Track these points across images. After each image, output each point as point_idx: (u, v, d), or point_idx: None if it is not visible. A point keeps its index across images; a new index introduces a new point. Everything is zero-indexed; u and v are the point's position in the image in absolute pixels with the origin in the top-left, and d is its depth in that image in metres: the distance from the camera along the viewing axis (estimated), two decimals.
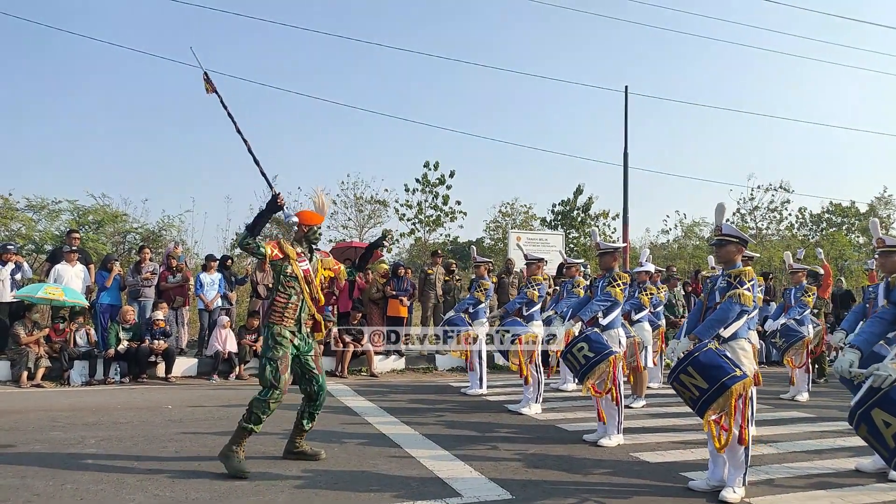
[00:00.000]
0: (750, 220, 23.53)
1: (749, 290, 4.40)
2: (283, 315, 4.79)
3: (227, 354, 9.83)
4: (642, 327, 8.04)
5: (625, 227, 16.44)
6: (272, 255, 4.73)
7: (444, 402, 8.04)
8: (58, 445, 5.34)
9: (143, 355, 9.34)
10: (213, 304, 10.48)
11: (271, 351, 4.72)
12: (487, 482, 4.53)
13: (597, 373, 5.63)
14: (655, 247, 22.52)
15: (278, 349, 4.72)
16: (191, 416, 6.83)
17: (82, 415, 6.73)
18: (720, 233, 4.64)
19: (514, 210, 21.08)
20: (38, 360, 8.86)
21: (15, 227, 14.19)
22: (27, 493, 4.08)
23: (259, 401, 4.66)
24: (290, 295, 4.82)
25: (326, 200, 5.40)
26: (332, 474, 4.63)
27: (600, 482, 4.66)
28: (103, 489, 4.19)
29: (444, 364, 11.35)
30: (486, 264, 9.11)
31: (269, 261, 4.77)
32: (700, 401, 4.18)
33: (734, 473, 4.30)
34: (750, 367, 4.36)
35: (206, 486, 4.29)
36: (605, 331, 5.92)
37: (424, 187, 19.19)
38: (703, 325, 4.44)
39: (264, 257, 4.73)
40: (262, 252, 4.69)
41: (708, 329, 4.37)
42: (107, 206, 14.94)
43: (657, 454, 5.48)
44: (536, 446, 5.70)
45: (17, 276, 9.72)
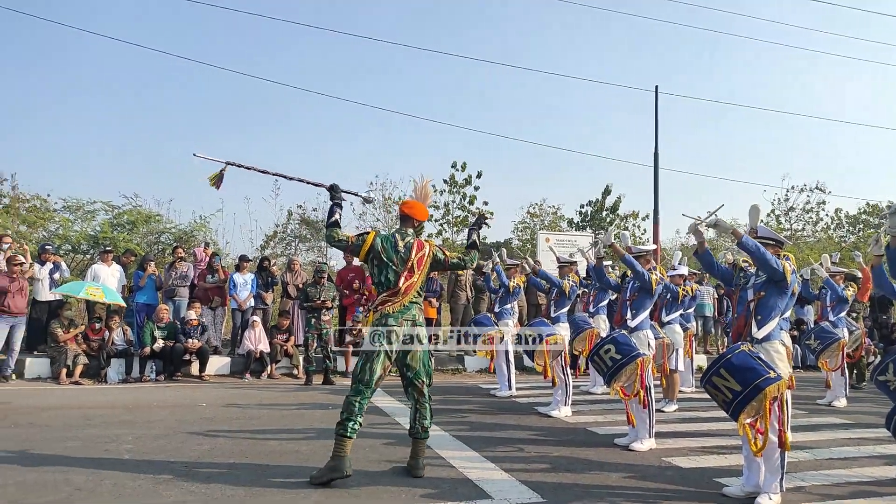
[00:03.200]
0: (785, 222, 23.07)
1: (790, 268, 4.32)
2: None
3: (259, 354, 9.97)
4: (673, 329, 7.95)
5: (655, 228, 16.24)
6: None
7: (473, 404, 8.04)
8: (96, 441, 5.47)
9: (178, 354, 9.52)
10: (245, 304, 10.63)
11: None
12: (518, 484, 4.52)
13: (624, 375, 5.58)
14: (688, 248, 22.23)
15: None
16: (225, 414, 6.94)
17: (119, 412, 6.88)
18: (756, 235, 4.57)
19: (543, 211, 20.97)
20: (77, 357, 9.09)
21: (52, 227, 14.56)
22: (69, 487, 4.19)
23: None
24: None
25: (430, 190, 5.27)
26: (362, 474, 4.66)
27: (632, 486, 4.62)
28: (140, 485, 4.28)
29: (472, 365, 11.36)
30: (515, 268, 9.09)
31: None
32: (733, 404, 4.12)
33: (770, 479, 4.23)
34: (785, 370, 4.29)
35: (239, 484, 4.36)
36: (632, 332, 5.87)
37: (452, 188, 19.20)
38: (752, 240, 4.32)
39: (359, 248, 4.72)
40: (360, 243, 4.70)
41: (752, 244, 4.26)
42: (139, 207, 15.24)
43: (690, 459, 5.41)
44: (566, 449, 5.67)
45: (55, 275, 10.01)
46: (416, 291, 4.74)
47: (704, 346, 13.36)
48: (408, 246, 4.74)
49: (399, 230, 4.87)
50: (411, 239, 4.81)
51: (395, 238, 4.77)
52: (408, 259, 4.69)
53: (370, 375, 4.55)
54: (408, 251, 4.72)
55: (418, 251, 4.74)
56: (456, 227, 19.21)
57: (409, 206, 4.97)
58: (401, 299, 4.66)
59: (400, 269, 4.66)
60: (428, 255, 4.79)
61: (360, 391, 4.54)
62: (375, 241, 4.70)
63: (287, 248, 17.51)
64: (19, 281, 9.03)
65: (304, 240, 17.81)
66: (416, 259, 4.72)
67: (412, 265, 4.69)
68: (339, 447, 4.45)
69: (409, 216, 4.91)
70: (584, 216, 21.58)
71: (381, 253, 4.68)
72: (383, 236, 4.79)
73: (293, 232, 17.75)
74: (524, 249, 19.06)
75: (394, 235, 4.81)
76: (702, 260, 4.92)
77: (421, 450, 4.76)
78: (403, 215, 4.93)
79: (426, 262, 4.77)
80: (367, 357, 4.62)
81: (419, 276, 4.74)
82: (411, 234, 4.86)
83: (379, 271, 4.72)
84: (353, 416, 4.48)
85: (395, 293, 4.65)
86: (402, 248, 4.72)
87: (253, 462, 4.93)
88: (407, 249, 4.72)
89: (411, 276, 4.69)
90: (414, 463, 4.71)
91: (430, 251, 4.81)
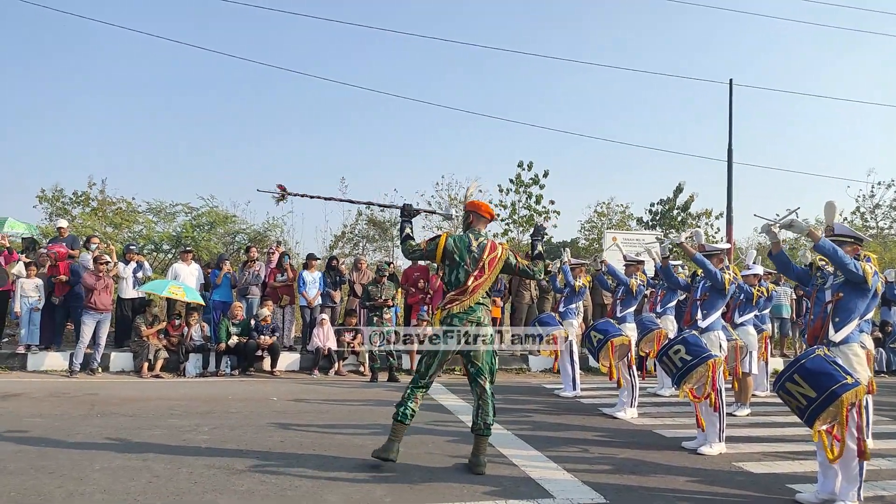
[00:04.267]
0: (870, 219, 21.85)
1: (871, 270, 4.14)
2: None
3: (328, 351, 10.23)
4: (746, 331, 7.68)
5: (728, 226, 15.72)
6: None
7: (536, 403, 8.01)
8: (175, 432, 5.76)
9: (251, 350, 9.89)
10: (314, 302, 10.92)
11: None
12: (580, 485, 4.49)
13: (694, 377, 5.44)
14: (764, 248, 21.39)
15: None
16: (294, 408, 7.17)
17: (197, 404, 7.21)
18: (832, 233, 4.39)
19: (610, 210, 20.60)
20: (158, 352, 9.57)
21: (137, 228, 15.34)
22: (148, 474, 4.44)
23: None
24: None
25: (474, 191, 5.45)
26: (425, 470, 4.73)
27: (700, 491, 4.51)
28: (214, 474, 4.49)
29: (536, 365, 11.29)
30: (581, 267, 8.99)
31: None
32: (808, 410, 3.97)
33: (847, 487, 4.05)
34: (864, 374, 4.10)
35: (307, 476, 4.50)
36: (703, 333, 5.71)
37: (518, 187, 19.11)
38: (830, 242, 4.16)
39: (433, 253, 4.82)
40: (432, 248, 4.83)
41: (829, 246, 4.10)
42: (216, 208, 15.86)
43: (762, 465, 5.23)
44: (632, 451, 5.58)
45: (138, 274, 10.59)
46: (483, 292, 4.78)
47: (781, 349, 12.84)
48: (481, 246, 4.80)
49: (472, 230, 4.93)
50: (485, 239, 4.86)
51: (468, 238, 4.83)
52: (480, 259, 4.74)
53: (425, 369, 4.79)
54: (481, 251, 4.77)
55: (491, 252, 4.79)
56: (522, 227, 19.12)
57: (474, 204, 5.01)
58: (468, 299, 4.70)
59: (471, 269, 4.71)
60: (500, 257, 4.81)
61: (415, 380, 4.81)
62: (448, 242, 4.78)
63: (355, 248, 17.85)
64: (105, 279, 9.58)
65: (371, 240, 18.12)
66: (489, 260, 4.76)
67: (483, 265, 4.73)
68: (393, 431, 4.78)
69: (477, 213, 4.97)
70: (655, 215, 21.06)
71: (453, 253, 4.75)
72: (456, 237, 4.85)
73: (361, 232, 18.08)
74: (590, 249, 18.79)
75: (467, 235, 4.87)
76: (777, 261, 4.75)
77: (482, 447, 4.77)
78: (473, 214, 4.98)
79: (498, 264, 4.80)
80: (428, 353, 4.81)
81: (489, 276, 4.76)
82: (484, 234, 4.92)
83: (450, 271, 4.79)
84: (404, 401, 4.75)
85: (463, 292, 4.70)
86: (475, 247, 4.78)
87: (320, 455, 5.09)
88: (480, 249, 4.78)
89: (481, 275, 4.73)
90: (475, 460, 4.73)
91: (502, 254, 4.83)
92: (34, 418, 6.22)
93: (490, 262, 4.76)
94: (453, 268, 4.76)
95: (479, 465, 4.70)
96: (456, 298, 4.72)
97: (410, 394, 4.76)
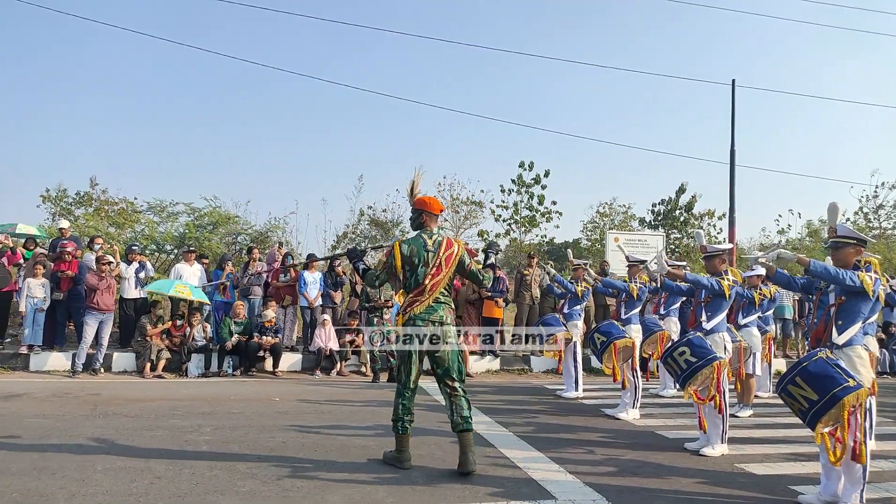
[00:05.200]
0: (874, 220, 21.79)
1: (871, 279, 4.12)
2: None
3: (329, 351, 10.24)
4: (750, 332, 7.66)
5: (731, 227, 15.68)
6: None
7: (538, 404, 8.00)
8: (177, 432, 5.76)
9: (253, 350, 9.90)
10: (315, 302, 10.93)
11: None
12: (582, 486, 4.48)
13: (699, 379, 5.43)
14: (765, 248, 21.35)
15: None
16: (296, 409, 7.17)
17: (199, 405, 7.21)
18: (835, 234, 4.37)
19: (613, 210, 20.58)
20: (160, 352, 9.58)
21: (139, 228, 15.36)
22: (151, 475, 4.44)
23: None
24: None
25: (420, 184, 5.12)
26: (427, 471, 4.73)
27: (702, 493, 4.50)
28: (217, 475, 4.49)
29: (538, 366, 11.29)
30: (583, 267, 8.98)
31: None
32: (810, 413, 3.96)
33: (850, 489, 4.03)
34: (867, 376, 4.09)
35: (309, 477, 4.50)
36: (708, 335, 5.70)
37: (520, 187, 19.09)
38: (821, 263, 4.18)
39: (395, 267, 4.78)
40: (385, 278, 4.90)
41: (820, 267, 4.13)
42: (218, 209, 15.86)
43: (765, 466, 5.22)
44: (634, 452, 5.57)
45: (140, 274, 10.60)
46: (442, 289, 4.75)
47: (783, 350, 12.82)
48: (437, 243, 4.77)
49: (424, 230, 4.86)
50: (439, 237, 4.83)
51: (422, 239, 4.78)
52: (437, 255, 4.72)
53: (406, 377, 4.75)
54: (437, 248, 4.74)
55: (447, 249, 4.76)
56: (524, 228, 19.10)
57: (423, 202, 4.92)
58: (427, 298, 4.69)
59: (428, 268, 4.69)
60: (456, 254, 4.79)
61: (401, 393, 4.77)
62: (402, 248, 4.73)
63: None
64: (107, 279, 9.60)
65: (373, 241, 18.12)
66: (445, 256, 4.74)
67: (440, 262, 4.71)
68: (398, 443, 4.81)
69: (428, 212, 4.89)
70: (657, 215, 21.04)
71: (411, 257, 4.70)
72: (409, 240, 4.79)
73: (363, 233, 18.08)
74: (593, 250, 18.77)
75: (420, 236, 4.81)
76: (777, 282, 4.77)
77: (468, 443, 4.63)
78: (424, 213, 4.88)
79: (454, 260, 4.77)
80: (402, 360, 4.79)
81: (446, 273, 4.74)
82: (437, 231, 4.89)
83: (410, 274, 4.74)
84: (399, 417, 4.76)
85: (422, 291, 4.68)
86: (431, 245, 4.74)
87: (322, 455, 5.09)
88: (436, 246, 4.75)
89: (438, 273, 4.71)
90: (464, 458, 4.59)
91: (458, 251, 4.81)
92: (36, 419, 6.23)
93: (447, 259, 4.74)
94: (412, 271, 4.72)
95: (468, 464, 4.57)
96: (416, 299, 4.70)
97: (404, 408, 4.76)
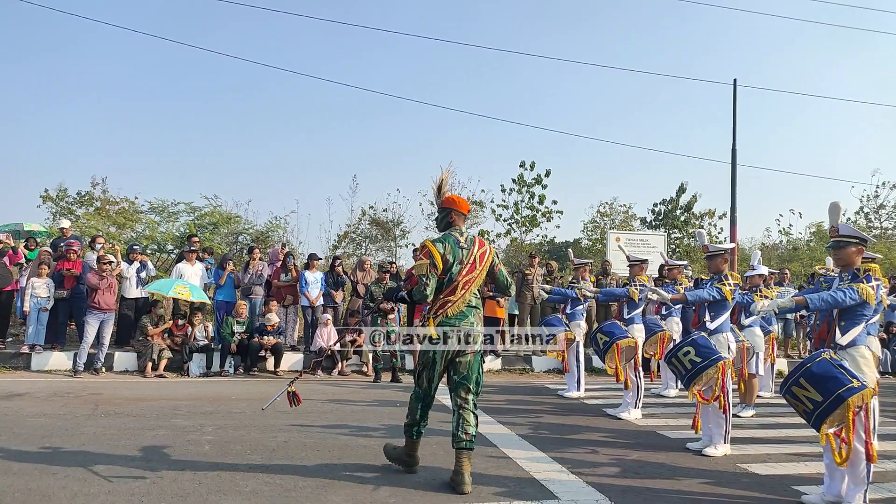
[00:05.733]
0: (874, 219, 21.79)
1: (873, 289, 4.11)
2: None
3: (330, 351, 10.23)
4: (753, 332, 7.65)
5: (732, 227, 15.68)
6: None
7: (540, 404, 7.99)
8: (179, 432, 5.76)
9: (255, 350, 9.89)
10: (316, 302, 10.92)
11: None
12: (585, 486, 4.47)
13: (704, 379, 5.41)
14: (767, 248, 21.35)
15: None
16: (298, 408, 7.09)
17: (200, 404, 7.21)
18: (837, 234, 4.36)
19: (613, 210, 20.60)
20: (162, 352, 9.57)
21: (140, 228, 15.37)
22: (152, 474, 4.43)
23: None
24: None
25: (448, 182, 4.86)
26: (429, 471, 4.72)
27: (705, 493, 4.49)
28: (219, 475, 4.48)
29: (540, 365, 11.28)
30: (585, 266, 8.97)
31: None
32: (815, 414, 3.95)
33: (854, 490, 4.02)
34: (871, 376, 4.08)
35: (311, 476, 4.50)
36: (712, 335, 5.68)
37: (520, 187, 19.09)
38: (816, 295, 4.18)
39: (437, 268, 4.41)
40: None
41: (817, 300, 4.12)
42: (219, 208, 15.87)
43: (767, 466, 5.21)
44: (636, 452, 5.56)
45: (141, 274, 10.60)
46: (474, 291, 4.51)
47: (785, 350, 12.81)
48: (469, 241, 4.55)
49: (453, 229, 4.61)
50: (470, 235, 4.64)
51: (453, 237, 4.53)
52: (471, 253, 4.49)
53: (428, 383, 4.51)
54: (470, 245, 4.52)
55: (480, 247, 4.56)
56: (524, 227, 19.11)
57: (452, 201, 4.68)
58: (459, 298, 4.42)
59: (462, 265, 4.44)
60: (489, 254, 4.59)
61: (420, 397, 4.55)
62: (437, 247, 4.42)
63: (357, 247, 17.87)
64: (108, 279, 9.59)
65: (374, 240, 18.12)
66: (479, 254, 4.51)
67: (474, 259, 4.48)
68: (408, 446, 4.63)
69: (457, 211, 4.66)
70: (658, 215, 21.04)
71: (446, 255, 4.42)
72: (442, 238, 4.53)
73: (364, 232, 18.09)
74: (594, 249, 18.77)
75: (451, 234, 4.56)
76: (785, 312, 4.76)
77: (465, 463, 4.28)
78: (453, 212, 4.65)
79: (487, 259, 4.55)
80: (424, 364, 4.52)
81: (480, 272, 4.50)
82: (465, 230, 4.66)
83: (444, 274, 4.46)
84: (416, 421, 4.56)
85: (454, 290, 4.42)
86: (464, 243, 4.51)
87: (324, 455, 5.09)
88: (469, 244, 4.53)
89: (472, 270, 4.46)
90: (458, 479, 4.25)
91: (490, 251, 4.62)
92: (38, 418, 6.22)
93: (481, 257, 4.51)
94: (446, 271, 4.43)
95: (462, 483, 4.21)
96: (447, 300, 4.44)
97: (421, 413, 4.54)
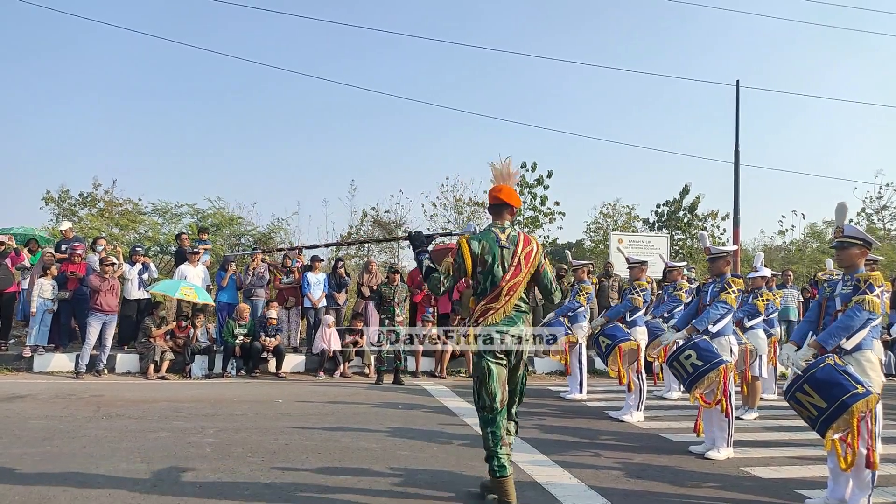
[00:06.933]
0: (877, 221, 21.72)
1: (878, 297, 4.09)
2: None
3: (332, 353, 10.22)
4: (756, 335, 7.63)
5: (735, 228, 15.62)
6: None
7: (542, 406, 7.97)
8: (180, 434, 5.75)
9: (256, 352, 9.89)
10: (318, 303, 10.91)
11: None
12: (587, 489, 4.45)
13: (705, 382, 5.38)
14: (770, 249, 21.29)
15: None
16: (300, 410, 7.15)
17: (202, 406, 7.20)
18: (842, 234, 4.34)
19: (616, 211, 20.55)
20: (164, 354, 9.57)
21: (142, 229, 15.38)
22: (153, 478, 4.42)
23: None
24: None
25: (512, 168, 4.29)
26: (431, 473, 4.70)
27: (708, 496, 4.47)
28: (220, 477, 4.47)
29: (542, 367, 11.26)
30: (584, 267, 8.95)
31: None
32: (819, 420, 3.92)
33: (858, 494, 4.00)
34: (877, 381, 4.06)
35: (313, 480, 4.49)
36: (714, 338, 5.66)
37: (522, 188, 19.07)
38: (826, 332, 4.16)
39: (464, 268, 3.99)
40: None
41: (831, 337, 4.10)
42: (222, 210, 15.88)
43: (770, 469, 5.18)
44: (639, 455, 5.54)
45: (143, 275, 10.61)
46: (520, 295, 4.02)
47: None
48: (512, 238, 4.03)
49: (495, 223, 4.12)
50: (514, 232, 4.09)
51: (493, 233, 4.03)
52: (514, 253, 3.98)
53: (490, 399, 3.93)
54: (513, 244, 4.00)
55: (525, 246, 4.02)
56: (527, 228, 19.09)
57: (502, 191, 4.13)
58: (503, 304, 3.95)
59: (506, 266, 3.95)
60: (536, 252, 4.05)
61: (487, 420, 3.96)
62: (472, 245, 3.96)
63: (360, 249, 17.87)
64: (111, 280, 9.59)
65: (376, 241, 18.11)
66: (524, 254, 3.99)
67: (519, 260, 3.96)
68: (500, 489, 3.91)
69: (505, 203, 4.12)
70: (661, 216, 20.99)
71: (483, 256, 3.94)
72: (479, 236, 4.04)
73: (366, 233, 18.08)
74: (596, 251, 18.73)
75: (491, 230, 4.06)
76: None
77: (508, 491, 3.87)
78: (498, 204, 4.13)
79: (534, 259, 4.04)
80: (481, 380, 3.97)
81: (525, 274, 3.99)
82: (509, 225, 4.12)
83: (483, 276, 3.98)
84: (493, 453, 3.91)
85: (497, 296, 3.93)
86: (505, 241, 4.00)
87: (326, 458, 5.07)
88: (512, 242, 4.00)
89: (517, 272, 3.95)
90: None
91: (538, 250, 4.07)
92: (40, 420, 6.22)
93: (526, 258, 3.98)
94: (486, 272, 3.95)
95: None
96: (490, 306, 3.95)
97: (495, 437, 3.92)
